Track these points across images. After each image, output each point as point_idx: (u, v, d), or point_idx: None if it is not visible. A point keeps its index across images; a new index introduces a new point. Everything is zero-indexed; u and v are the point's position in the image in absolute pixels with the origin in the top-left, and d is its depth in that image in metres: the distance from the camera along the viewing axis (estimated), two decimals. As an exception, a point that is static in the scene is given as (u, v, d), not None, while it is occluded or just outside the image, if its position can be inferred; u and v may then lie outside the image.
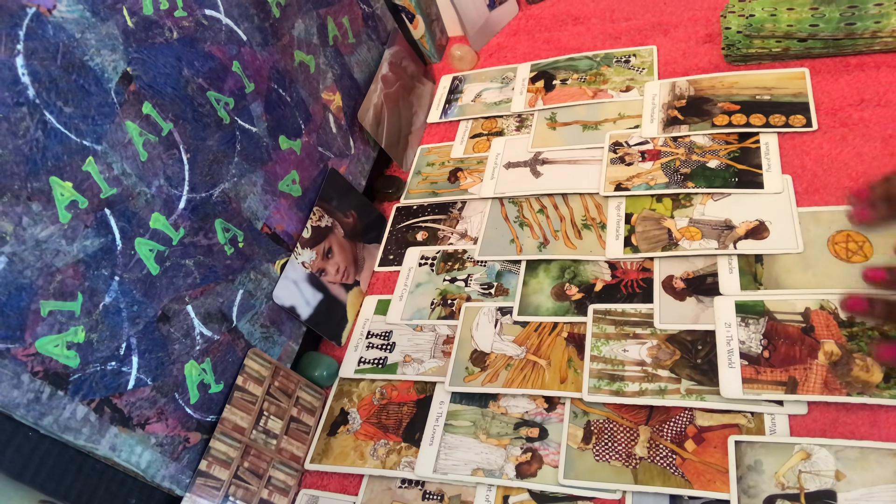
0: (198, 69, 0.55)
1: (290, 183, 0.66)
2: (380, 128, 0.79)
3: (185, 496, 0.52)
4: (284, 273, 0.64)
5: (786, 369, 0.51)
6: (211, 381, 0.55)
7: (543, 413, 0.57)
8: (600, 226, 0.66)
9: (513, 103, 0.83)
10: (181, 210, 0.53)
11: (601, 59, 0.82)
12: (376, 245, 0.77)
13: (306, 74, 0.70)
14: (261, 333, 0.61)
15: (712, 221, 0.61)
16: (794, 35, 0.68)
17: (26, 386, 0.41)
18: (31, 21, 0.42)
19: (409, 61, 0.88)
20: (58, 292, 0.44)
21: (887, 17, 0.64)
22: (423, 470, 0.57)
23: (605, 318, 0.60)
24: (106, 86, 0.47)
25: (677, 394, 0.54)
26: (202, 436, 0.54)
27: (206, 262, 0.56)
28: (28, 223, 0.42)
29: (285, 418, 0.61)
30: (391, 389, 0.64)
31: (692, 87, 0.73)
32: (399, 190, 0.81)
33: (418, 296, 0.70)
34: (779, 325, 0.54)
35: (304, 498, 0.60)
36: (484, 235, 0.71)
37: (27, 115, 0.42)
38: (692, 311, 0.58)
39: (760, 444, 0.50)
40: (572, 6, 0.92)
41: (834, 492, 0.46)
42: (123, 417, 0.48)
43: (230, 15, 0.60)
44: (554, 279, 0.65)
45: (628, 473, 0.52)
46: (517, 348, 0.61)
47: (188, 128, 0.54)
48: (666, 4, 0.85)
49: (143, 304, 0.50)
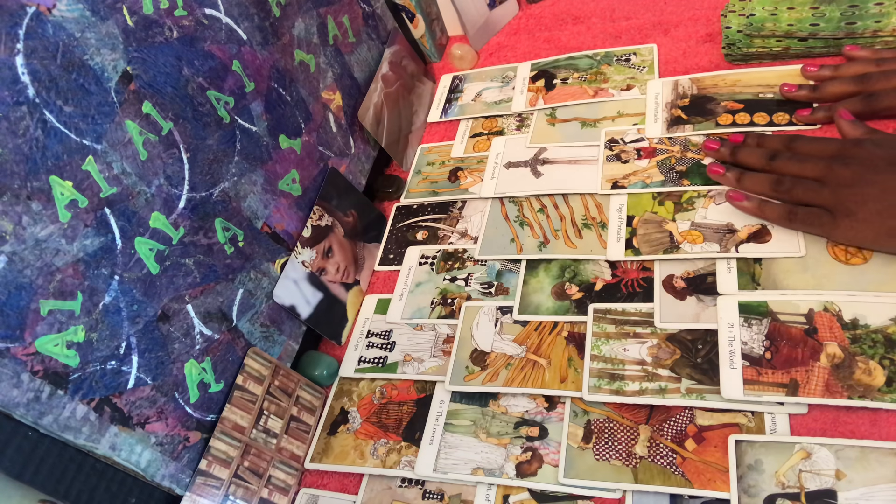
0: (198, 68, 0.55)
1: (291, 182, 0.66)
2: (380, 127, 0.79)
3: (185, 495, 0.52)
4: (284, 272, 0.64)
5: (787, 371, 0.51)
6: (211, 381, 0.55)
7: (543, 412, 0.57)
8: (600, 225, 0.66)
9: (513, 102, 0.83)
10: (181, 209, 0.53)
11: (601, 58, 0.82)
12: (376, 244, 0.77)
13: (306, 74, 0.70)
14: (261, 333, 0.61)
15: (714, 225, 0.61)
16: (795, 34, 0.68)
17: (26, 385, 0.41)
18: (30, 20, 0.42)
19: (409, 60, 0.88)
20: (57, 291, 0.44)
21: (888, 17, 0.64)
22: (423, 469, 0.57)
23: (606, 317, 0.60)
24: (106, 85, 0.47)
25: (677, 393, 0.54)
26: (202, 435, 0.54)
27: (206, 261, 0.56)
28: (28, 222, 0.42)
29: (285, 417, 0.61)
30: (391, 388, 0.64)
31: (695, 86, 0.73)
32: (399, 189, 0.81)
33: (418, 295, 0.70)
34: (781, 327, 0.54)
35: (304, 497, 0.60)
36: (484, 235, 0.71)
37: (27, 114, 0.42)
38: (693, 310, 0.58)
39: (761, 444, 0.50)
40: (572, 5, 0.92)
41: (834, 491, 0.46)
42: (123, 417, 0.48)
43: (230, 14, 0.59)
44: (554, 278, 0.65)
45: (628, 472, 0.52)
46: (517, 347, 0.61)
47: (188, 127, 0.54)
48: (666, 4, 0.85)
49: (142, 303, 0.50)
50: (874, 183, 0.52)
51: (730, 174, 0.61)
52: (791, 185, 0.57)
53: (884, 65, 0.62)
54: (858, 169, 0.53)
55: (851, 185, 0.53)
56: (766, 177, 0.59)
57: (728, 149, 0.63)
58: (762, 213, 0.59)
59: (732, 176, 0.61)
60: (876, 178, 0.52)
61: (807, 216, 0.56)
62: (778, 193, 0.58)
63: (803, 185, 0.56)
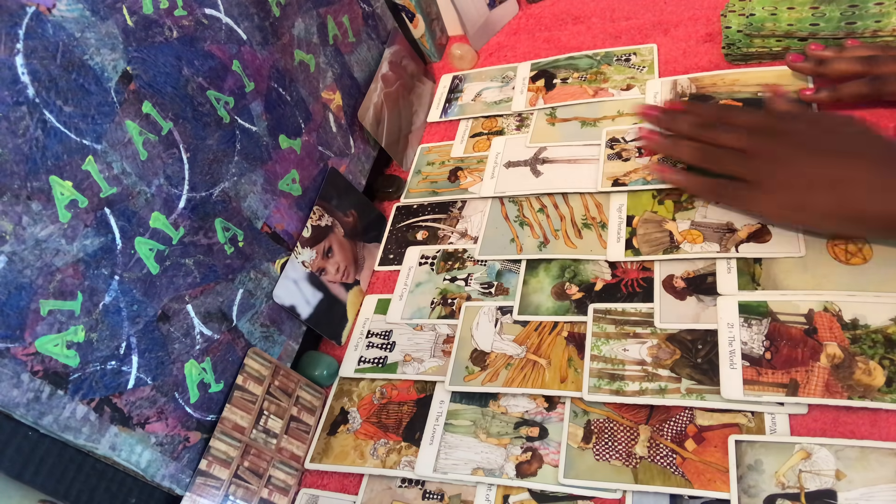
0: (198, 68, 0.55)
1: (290, 182, 0.66)
2: (380, 127, 0.79)
3: (185, 495, 0.52)
4: (284, 272, 0.64)
5: (787, 371, 0.51)
6: (211, 381, 0.55)
7: (543, 412, 0.57)
8: (600, 225, 0.66)
9: (513, 102, 0.83)
10: (181, 209, 0.53)
11: (601, 58, 0.82)
12: (376, 244, 0.77)
13: (306, 73, 0.70)
14: (261, 333, 0.61)
15: (714, 224, 0.61)
16: (795, 34, 0.68)
17: (26, 385, 0.41)
18: (30, 20, 0.42)
19: (409, 60, 0.88)
20: (57, 291, 0.44)
21: (888, 16, 0.64)
22: (423, 469, 0.57)
23: (606, 317, 0.60)
24: (106, 85, 0.47)
25: (677, 393, 0.54)
26: (202, 435, 0.54)
27: (205, 261, 0.56)
28: (28, 222, 0.42)
29: (285, 418, 0.61)
30: (391, 389, 0.64)
31: (694, 85, 0.73)
32: (399, 189, 0.81)
33: (418, 295, 0.70)
34: (781, 327, 0.54)
35: (304, 497, 0.60)
36: (484, 235, 0.71)
37: (27, 114, 0.42)
38: (692, 310, 0.58)
39: (761, 444, 0.50)
40: (572, 5, 0.92)
41: (834, 491, 0.46)
42: (123, 417, 0.48)
43: (230, 14, 0.59)
44: (554, 278, 0.65)
45: (628, 473, 0.52)
46: (517, 347, 0.61)
47: (188, 127, 0.54)
48: (666, 4, 0.85)
49: (142, 303, 0.50)
50: (788, 158, 0.54)
51: (663, 140, 0.63)
52: (718, 156, 0.58)
53: (891, 50, 0.62)
54: (778, 144, 0.55)
55: (768, 159, 0.55)
56: (696, 146, 0.60)
57: (668, 117, 0.64)
58: (689, 186, 0.61)
59: (665, 142, 0.63)
60: (791, 152, 0.54)
61: (728, 190, 0.58)
62: (706, 163, 0.59)
63: (729, 156, 0.57)
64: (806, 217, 0.54)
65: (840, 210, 0.52)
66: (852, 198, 0.51)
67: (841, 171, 0.51)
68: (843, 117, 0.57)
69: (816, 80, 0.67)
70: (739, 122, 0.59)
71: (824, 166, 0.52)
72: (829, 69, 0.64)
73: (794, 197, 0.53)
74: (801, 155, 0.53)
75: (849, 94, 0.62)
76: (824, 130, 0.55)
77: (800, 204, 0.53)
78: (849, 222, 0.53)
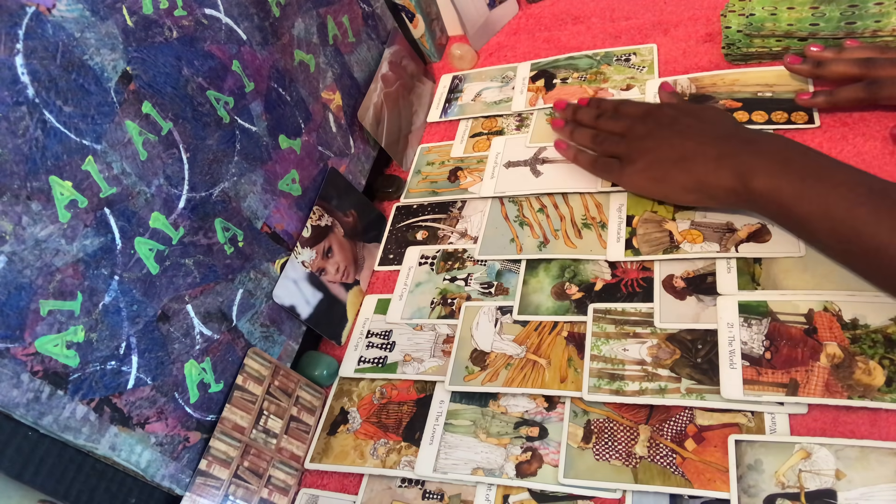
0: (197, 68, 0.55)
1: (290, 182, 0.66)
2: (380, 127, 0.79)
3: (185, 495, 0.52)
4: (284, 272, 0.64)
5: (787, 371, 0.51)
6: (211, 381, 0.55)
7: (543, 412, 0.57)
8: (600, 225, 0.66)
9: (513, 102, 0.83)
10: (181, 209, 0.53)
11: (601, 58, 0.82)
12: (376, 244, 0.77)
13: (306, 74, 0.70)
14: (261, 333, 0.61)
15: (714, 224, 0.61)
16: (795, 34, 0.68)
17: (26, 385, 0.41)
18: (30, 20, 0.42)
19: (409, 60, 0.88)
20: (57, 292, 0.44)
21: (888, 16, 0.64)
22: (423, 469, 0.57)
23: (605, 317, 0.60)
24: (105, 85, 0.47)
25: (677, 393, 0.54)
26: (202, 435, 0.54)
27: (205, 261, 0.56)
28: (28, 222, 0.42)
29: (285, 417, 0.61)
30: (391, 389, 0.64)
31: (693, 85, 0.73)
32: (399, 189, 0.81)
33: (418, 295, 0.70)
34: (781, 327, 0.54)
35: (304, 497, 0.60)
36: (484, 235, 0.71)
37: (27, 114, 0.42)
38: (692, 310, 0.58)
39: (760, 444, 0.50)
40: (572, 5, 0.92)
41: (834, 491, 0.46)
42: (123, 417, 0.48)
43: (230, 14, 0.59)
44: (554, 278, 0.65)
45: (628, 472, 0.52)
46: (517, 347, 0.61)
47: (188, 127, 0.54)
48: (666, 3, 0.85)
49: (142, 303, 0.50)
50: (657, 138, 0.61)
51: (566, 127, 0.72)
52: (603, 139, 0.67)
53: (889, 52, 0.62)
54: (651, 127, 0.62)
55: (641, 139, 0.62)
56: (589, 131, 0.69)
57: (571, 109, 0.73)
58: (577, 160, 0.70)
59: (567, 129, 0.72)
60: (660, 133, 0.61)
61: (603, 164, 0.66)
62: (594, 145, 0.68)
63: (610, 139, 0.66)
64: (666, 188, 0.61)
65: (689, 182, 0.58)
66: (696, 170, 0.58)
67: (691, 147, 0.58)
68: (710, 107, 0.67)
69: (815, 81, 0.67)
70: (625, 112, 0.67)
71: (680, 145, 0.59)
72: (827, 71, 0.64)
73: (656, 171, 0.61)
74: (664, 135, 0.61)
75: (845, 99, 0.63)
76: (688, 115, 0.62)
77: (660, 177, 0.60)
78: (698, 193, 0.58)
